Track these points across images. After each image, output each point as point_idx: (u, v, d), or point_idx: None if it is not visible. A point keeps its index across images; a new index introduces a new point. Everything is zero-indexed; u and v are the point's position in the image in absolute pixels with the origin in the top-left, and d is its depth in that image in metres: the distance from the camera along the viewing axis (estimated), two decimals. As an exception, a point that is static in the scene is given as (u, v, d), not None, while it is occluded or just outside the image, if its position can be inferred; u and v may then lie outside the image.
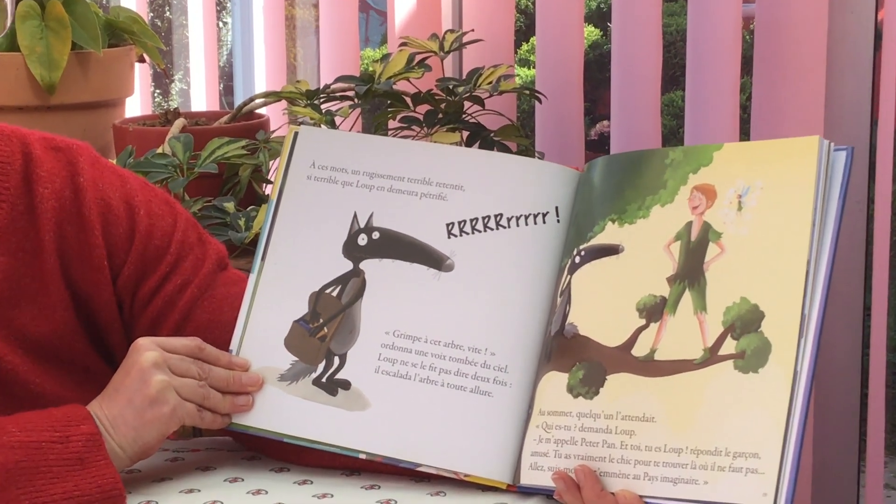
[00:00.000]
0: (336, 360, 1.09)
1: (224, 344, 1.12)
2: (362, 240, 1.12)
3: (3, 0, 1.05)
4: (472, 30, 1.99)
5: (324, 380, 1.09)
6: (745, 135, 1.97)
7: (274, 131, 1.80)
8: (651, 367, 0.99)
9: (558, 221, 1.10)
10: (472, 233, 1.10)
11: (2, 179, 1.11)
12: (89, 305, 1.15)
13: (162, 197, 1.19)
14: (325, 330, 1.11)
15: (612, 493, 0.97)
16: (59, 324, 1.13)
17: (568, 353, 1.04)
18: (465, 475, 1.05)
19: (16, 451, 0.98)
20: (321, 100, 1.76)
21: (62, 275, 1.13)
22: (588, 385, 1.01)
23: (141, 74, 2.25)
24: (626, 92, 1.92)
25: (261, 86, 2.50)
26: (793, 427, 0.91)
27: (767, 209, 0.98)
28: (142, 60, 1.96)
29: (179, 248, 1.16)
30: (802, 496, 1.87)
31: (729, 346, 0.96)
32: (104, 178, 1.16)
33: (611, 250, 1.05)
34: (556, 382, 1.04)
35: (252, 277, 1.13)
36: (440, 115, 1.76)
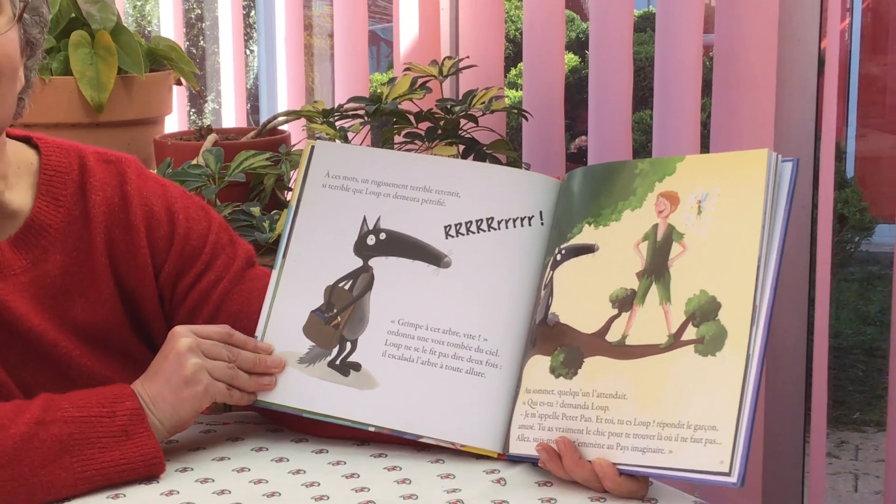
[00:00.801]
0: (348, 346, 1.10)
1: (251, 331, 1.12)
2: (371, 240, 1.12)
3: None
4: (468, 57, 1.99)
5: (337, 362, 1.09)
6: (705, 148, 1.97)
7: (294, 145, 1.80)
8: (623, 351, 0.99)
9: (542, 224, 1.10)
10: (467, 234, 1.10)
11: (61, 187, 1.11)
12: (134, 298, 1.15)
13: (198, 203, 1.19)
14: (338, 319, 1.11)
15: (589, 461, 0.97)
16: (107, 314, 1.13)
17: (550, 339, 1.04)
18: (461, 445, 1.06)
19: (69, 425, 0.99)
20: (335, 118, 1.77)
21: (111, 272, 1.13)
22: (568, 367, 1.02)
23: (178, 95, 2.26)
24: (601, 111, 1.92)
25: (283, 105, 2.50)
26: (746, 403, 0.91)
27: (723, 213, 0.98)
28: (179, 83, 1.96)
29: (213, 249, 1.17)
30: (754, 463, 1.87)
31: (690, 333, 0.96)
32: (148, 187, 1.16)
33: (587, 249, 1.05)
34: (540, 365, 1.04)
35: (274, 273, 1.13)
36: (439, 131, 1.76)
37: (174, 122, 2.29)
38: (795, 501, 1.93)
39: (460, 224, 1.10)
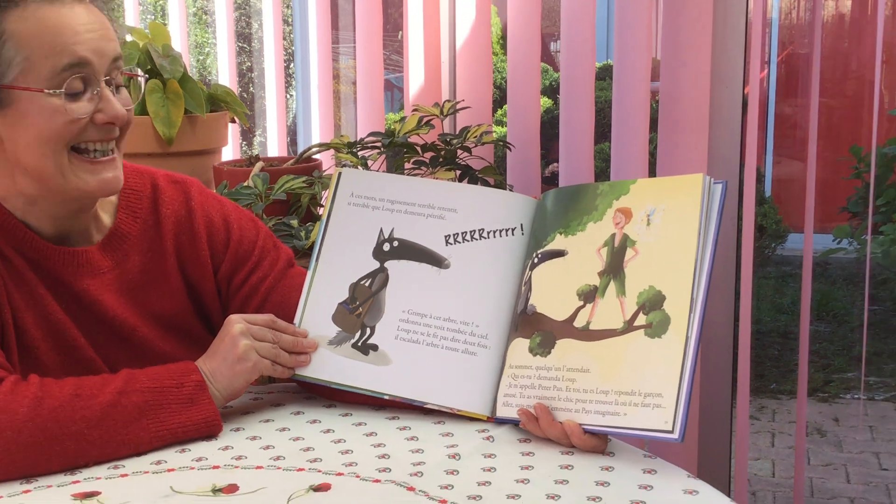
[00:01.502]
0: (368, 331, 1.09)
1: (290, 318, 1.12)
2: (386, 247, 1.12)
3: (139, 81, 1.07)
4: (463, 100, 1.99)
5: (359, 344, 1.09)
6: (652, 173, 1.97)
7: (325, 171, 1.80)
8: (587, 334, 0.99)
9: (523, 234, 1.10)
10: (463, 242, 1.10)
11: (137, 203, 1.12)
12: (197, 291, 1.15)
13: (248, 216, 1.19)
14: (360, 309, 1.11)
15: (560, 423, 0.97)
16: (176, 304, 1.13)
17: (529, 325, 1.04)
18: (458, 410, 1.05)
19: (145, 394, 0.99)
20: (358, 148, 1.77)
21: (179, 270, 1.13)
22: (543, 347, 1.02)
23: (232, 131, 2.25)
24: (569, 143, 1.92)
25: (316, 138, 2.50)
26: (685, 375, 0.91)
27: (667, 224, 0.98)
28: (233, 121, 1.96)
29: (261, 252, 1.17)
30: (692, 424, 1.87)
31: (641, 320, 0.96)
32: (208, 202, 1.16)
33: (559, 253, 1.05)
34: (521, 345, 1.04)
35: (309, 272, 1.13)
36: (441, 159, 1.76)
37: (229, 151, 2.29)
38: (724, 454, 1.93)
39: (457, 234, 1.10)
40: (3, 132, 0.99)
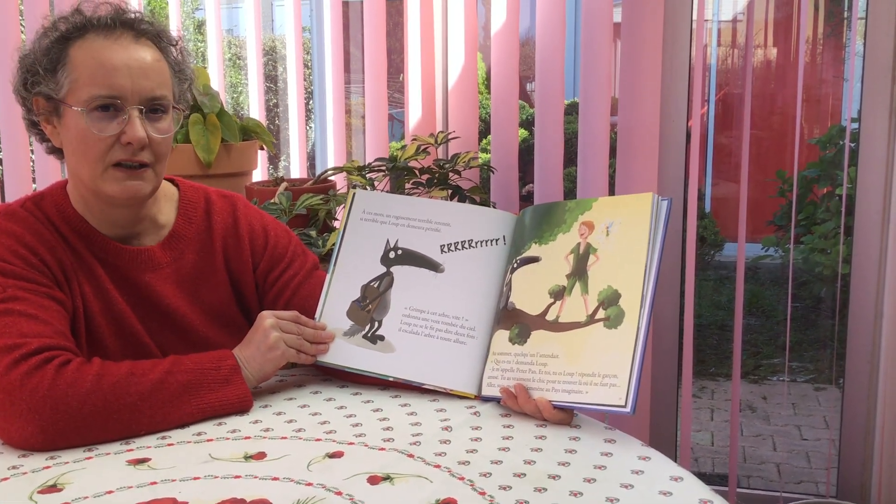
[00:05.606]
0: (376, 324, 1.10)
1: (315, 310, 1.12)
2: (392, 255, 1.12)
3: (180, 114, 1.09)
4: (454, 131, 2.00)
5: (369, 335, 1.10)
6: (611, 192, 1.99)
7: (339, 190, 1.80)
8: (557, 326, 1.00)
9: (504, 244, 1.11)
10: (455, 250, 1.11)
11: (192, 211, 1.13)
12: (239, 285, 1.16)
13: (283, 226, 1.21)
14: (370, 306, 1.11)
15: (534, 399, 0.98)
16: (222, 296, 1.14)
17: (509, 318, 1.05)
18: (450, 390, 1.06)
19: (188, 374, 0.99)
20: (366, 171, 1.77)
21: (225, 267, 1.14)
22: (521, 337, 1.02)
23: (261, 156, 2.25)
24: (543, 167, 1.93)
25: (331, 163, 2.49)
26: (636, 360, 0.92)
27: (623, 235, 0.99)
28: (262, 148, 1.96)
29: (292, 255, 1.17)
30: (644, 400, 1.88)
31: (601, 314, 0.97)
32: (251, 213, 1.17)
33: (534, 259, 1.06)
34: (502, 336, 1.04)
35: (328, 275, 1.14)
36: (435, 181, 1.77)
37: (259, 174, 2.29)
38: (672, 427, 1.94)
39: (451, 244, 1.11)
40: (60, 139, 1.04)
